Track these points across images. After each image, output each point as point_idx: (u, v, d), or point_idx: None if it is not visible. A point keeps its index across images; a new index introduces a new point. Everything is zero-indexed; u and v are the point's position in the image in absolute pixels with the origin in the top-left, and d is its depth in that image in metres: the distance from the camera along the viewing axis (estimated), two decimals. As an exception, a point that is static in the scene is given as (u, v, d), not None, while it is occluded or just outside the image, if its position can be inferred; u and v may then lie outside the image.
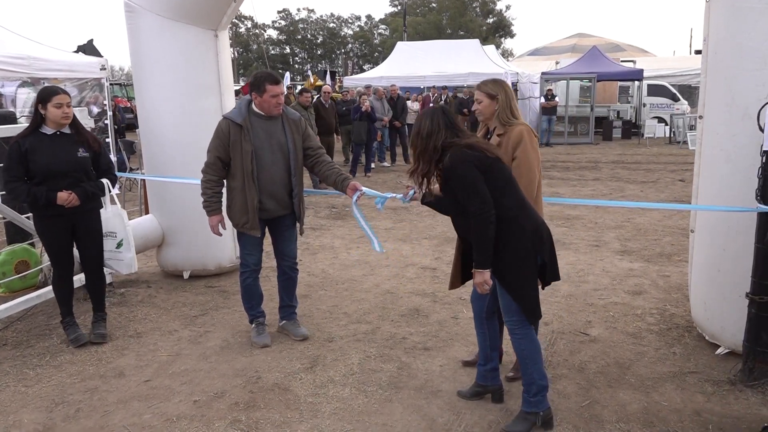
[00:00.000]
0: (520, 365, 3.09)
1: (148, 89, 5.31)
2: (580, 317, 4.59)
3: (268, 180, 3.96)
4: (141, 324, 4.64)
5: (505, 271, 2.92)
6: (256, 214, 3.96)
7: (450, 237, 7.14)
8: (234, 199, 3.99)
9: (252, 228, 4.00)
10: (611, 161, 14.33)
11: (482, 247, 2.86)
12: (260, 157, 3.93)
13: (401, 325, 4.52)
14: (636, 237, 7.02)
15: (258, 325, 4.24)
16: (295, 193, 4.08)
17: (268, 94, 3.90)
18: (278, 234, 4.20)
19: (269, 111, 3.95)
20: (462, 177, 2.85)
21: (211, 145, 3.97)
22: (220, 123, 3.97)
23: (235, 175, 3.95)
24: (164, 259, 5.71)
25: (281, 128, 4.03)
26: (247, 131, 3.90)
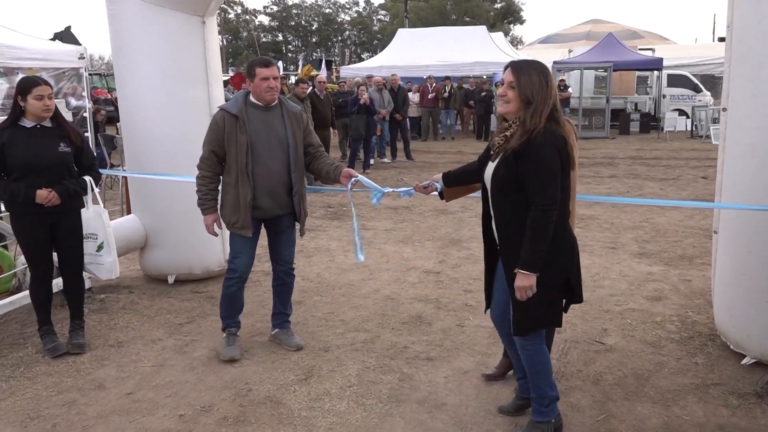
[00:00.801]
0: (531, 379, 3.11)
1: (131, 79, 5.31)
2: (595, 325, 4.59)
3: (264, 175, 3.95)
4: (122, 332, 4.64)
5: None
6: (248, 212, 3.94)
7: (455, 238, 7.15)
8: (227, 195, 3.99)
9: (243, 227, 3.98)
10: (628, 157, 14.34)
11: (537, 246, 2.76)
12: (256, 150, 3.92)
13: (402, 333, 4.52)
14: (655, 238, 7.02)
15: (229, 335, 4.22)
16: (295, 191, 4.07)
17: (258, 77, 3.91)
18: (275, 235, 4.19)
19: (262, 97, 3.95)
20: (546, 161, 2.76)
21: (205, 138, 3.99)
22: (215, 115, 4.00)
23: (229, 170, 3.96)
24: (147, 263, 5.71)
25: (281, 120, 4.03)
26: (243, 122, 3.90)
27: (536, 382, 3.09)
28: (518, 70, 2.88)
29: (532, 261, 2.78)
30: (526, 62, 2.92)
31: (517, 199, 2.85)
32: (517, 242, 2.85)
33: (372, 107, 12.28)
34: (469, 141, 18.58)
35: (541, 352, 3.05)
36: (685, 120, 19.01)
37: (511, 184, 2.85)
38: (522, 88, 2.85)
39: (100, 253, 4.40)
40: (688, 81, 20.59)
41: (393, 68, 19.07)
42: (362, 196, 9.92)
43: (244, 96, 4.01)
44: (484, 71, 19.89)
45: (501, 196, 2.92)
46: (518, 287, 2.83)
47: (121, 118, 5.61)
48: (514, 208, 2.88)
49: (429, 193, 3.55)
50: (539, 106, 2.81)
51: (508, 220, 2.92)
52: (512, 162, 2.83)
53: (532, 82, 2.83)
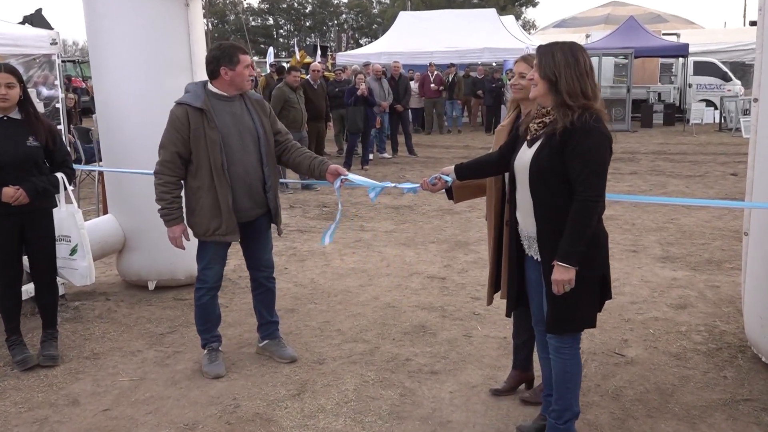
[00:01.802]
0: (558, 389, 3.10)
1: (108, 67, 5.32)
2: (614, 335, 4.60)
3: (241, 173, 3.93)
4: (98, 343, 4.64)
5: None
6: (232, 215, 3.93)
7: (461, 241, 7.15)
8: (199, 201, 3.92)
9: (228, 232, 3.96)
10: (651, 152, 14.35)
11: (579, 239, 2.79)
12: (229, 146, 3.90)
13: (404, 344, 4.52)
14: (680, 241, 7.02)
15: (211, 351, 4.20)
16: (269, 186, 4.06)
17: (242, 65, 3.88)
18: (252, 239, 4.19)
19: (242, 86, 3.95)
20: (595, 149, 2.79)
21: (164, 138, 3.89)
22: (173, 111, 3.89)
23: (198, 173, 3.89)
24: (126, 267, 5.71)
25: (245, 110, 4.02)
26: (210, 116, 3.86)
27: (563, 393, 3.09)
28: (540, 51, 2.92)
29: (572, 254, 2.80)
30: (551, 43, 2.96)
31: (560, 186, 2.87)
32: (557, 233, 2.87)
33: (371, 98, 12.28)
34: (478, 134, 18.60)
35: (576, 359, 3.07)
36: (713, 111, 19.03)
37: (555, 170, 2.86)
38: (543, 67, 2.87)
39: (73, 256, 4.40)
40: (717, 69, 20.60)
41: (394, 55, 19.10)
42: (360, 194, 9.92)
43: (203, 86, 3.98)
44: (493, 58, 19.90)
45: (542, 184, 2.93)
46: (556, 280, 2.84)
47: (96, 109, 5.61)
48: (555, 197, 2.89)
49: (437, 190, 3.53)
50: (569, 82, 2.82)
51: (548, 210, 2.93)
52: (558, 146, 2.84)
53: (554, 60, 2.86)
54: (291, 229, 7.91)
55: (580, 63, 2.85)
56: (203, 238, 4.00)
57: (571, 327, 3.01)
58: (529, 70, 3.28)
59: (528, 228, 3.06)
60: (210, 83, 3.98)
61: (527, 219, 3.04)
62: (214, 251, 4.05)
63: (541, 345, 3.30)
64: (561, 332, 3.01)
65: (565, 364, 3.06)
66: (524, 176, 3.00)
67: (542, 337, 3.23)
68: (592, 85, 2.85)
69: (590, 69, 2.87)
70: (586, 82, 2.84)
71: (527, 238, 3.10)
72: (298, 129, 9.96)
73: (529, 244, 3.10)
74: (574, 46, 2.90)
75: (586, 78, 2.84)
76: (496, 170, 3.34)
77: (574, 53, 2.86)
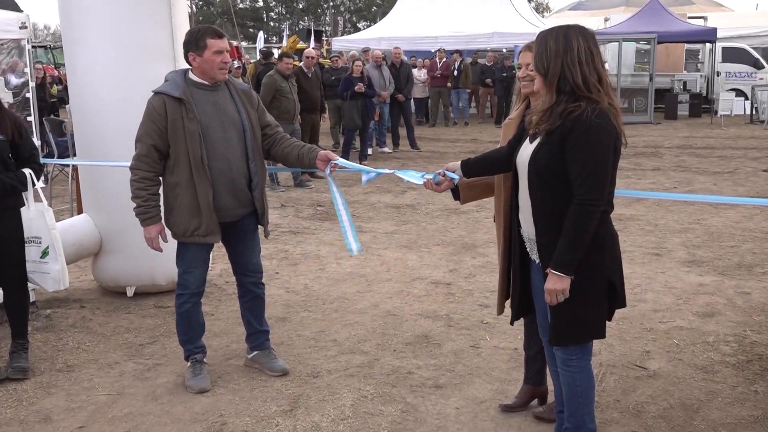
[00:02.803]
0: (569, 405, 3.12)
1: (83, 54, 5.33)
2: (635, 346, 4.60)
3: (223, 168, 3.94)
4: (72, 355, 4.65)
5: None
6: (212, 214, 3.94)
7: (468, 243, 7.16)
8: (177, 198, 3.93)
9: (208, 233, 3.96)
10: (676, 146, 14.36)
11: (575, 245, 2.79)
12: (210, 139, 3.90)
13: (406, 356, 4.53)
14: (707, 243, 7.03)
15: (194, 363, 4.21)
16: (255, 184, 4.07)
17: (210, 50, 3.87)
18: (238, 241, 4.19)
19: (213, 75, 3.94)
20: (596, 146, 2.77)
21: (140, 131, 3.90)
22: (150, 101, 3.91)
23: (176, 168, 3.89)
24: (102, 272, 5.72)
25: (230, 101, 4.02)
26: (189, 106, 3.87)
27: (574, 409, 3.09)
28: (537, 39, 2.92)
29: (568, 262, 2.81)
30: (549, 28, 2.95)
31: (560, 187, 2.87)
32: (556, 238, 2.87)
33: (369, 90, 12.28)
34: (486, 127, 18.61)
35: (585, 371, 3.07)
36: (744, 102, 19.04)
37: (555, 170, 2.86)
38: (536, 58, 2.88)
39: (45, 259, 4.41)
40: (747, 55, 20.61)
41: (395, 40, 19.10)
42: (357, 193, 9.92)
43: (183, 74, 3.98)
44: (503, 44, 19.91)
45: (540, 183, 2.93)
46: (549, 290, 2.86)
47: (70, 99, 5.61)
48: (554, 198, 2.90)
49: (443, 190, 3.53)
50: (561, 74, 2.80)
51: (546, 213, 2.93)
52: (557, 143, 2.83)
53: (546, 49, 2.85)
54: (282, 230, 7.92)
55: (572, 49, 2.80)
56: (182, 239, 4.01)
57: (576, 338, 3.01)
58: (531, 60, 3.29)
59: (529, 230, 3.07)
60: (190, 71, 3.99)
61: (529, 220, 3.05)
62: (195, 253, 4.06)
63: (551, 357, 3.31)
64: (564, 343, 3.02)
65: (574, 378, 3.06)
66: (525, 174, 3.02)
67: (551, 348, 3.24)
68: (593, 73, 2.81)
69: (589, 55, 2.81)
70: (584, 71, 2.80)
71: (529, 240, 3.10)
72: (290, 121, 9.97)
73: (531, 246, 3.10)
74: (570, 30, 2.85)
75: (584, 66, 2.80)
76: (507, 167, 3.30)
77: (567, 38, 2.82)
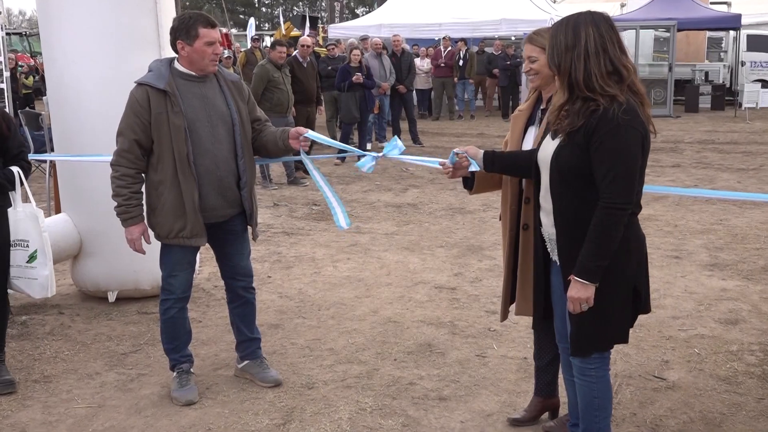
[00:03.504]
0: (585, 417, 3.12)
1: (61, 41, 5.32)
2: (653, 355, 4.61)
3: (210, 166, 3.94)
4: (50, 364, 4.65)
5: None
6: (198, 214, 3.94)
7: (474, 245, 7.16)
8: (161, 197, 3.93)
9: (194, 234, 3.97)
10: (697, 141, 14.36)
11: (601, 252, 2.81)
12: (197, 134, 3.90)
13: (408, 366, 4.53)
14: (731, 245, 7.03)
15: (181, 373, 4.21)
16: (244, 182, 4.07)
17: (201, 40, 3.86)
18: (226, 243, 4.20)
19: (204, 67, 3.93)
20: (624, 147, 2.77)
21: (122, 124, 3.90)
22: (132, 93, 3.91)
23: (159, 165, 3.89)
24: (82, 275, 5.72)
25: (219, 93, 4.02)
26: (175, 99, 3.86)
27: (590, 422, 3.10)
28: (550, 33, 2.92)
29: (593, 269, 2.83)
30: (561, 19, 2.95)
31: (584, 188, 2.88)
32: (576, 240, 2.89)
33: (368, 81, 12.28)
34: (494, 120, 18.61)
35: (604, 381, 3.08)
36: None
37: (578, 171, 2.88)
38: (548, 55, 2.89)
39: (32, 264, 4.38)
40: (774, 44, 20.60)
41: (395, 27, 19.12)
42: (355, 191, 9.93)
43: (168, 65, 3.98)
44: (511, 31, 19.91)
45: (562, 183, 2.94)
46: (572, 298, 2.87)
47: (48, 90, 5.61)
48: (578, 200, 2.91)
49: (459, 175, 3.49)
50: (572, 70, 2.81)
51: (569, 214, 2.95)
52: (581, 143, 2.84)
53: (557, 43, 2.85)
54: (275, 230, 7.92)
55: (580, 43, 2.80)
56: (166, 241, 4.01)
57: (598, 345, 3.02)
58: (536, 53, 3.30)
59: (550, 230, 3.08)
60: (177, 60, 3.98)
61: (550, 219, 3.05)
62: (180, 256, 4.06)
63: (566, 365, 3.31)
64: (587, 353, 3.03)
65: (592, 389, 3.07)
66: (546, 171, 3.02)
67: (567, 355, 3.24)
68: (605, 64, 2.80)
69: (600, 45, 2.79)
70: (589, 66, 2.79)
71: (550, 240, 3.11)
72: (284, 113, 9.98)
73: (552, 247, 3.11)
74: (580, 20, 2.85)
75: (592, 60, 2.79)
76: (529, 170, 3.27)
77: (576, 30, 2.82)
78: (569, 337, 3.05)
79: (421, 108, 19.12)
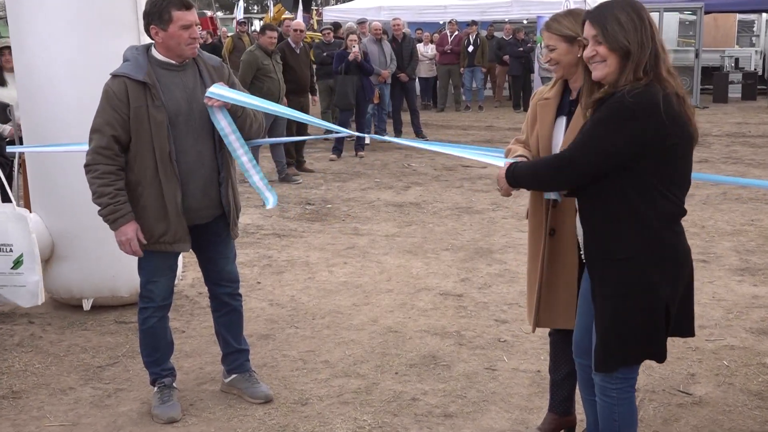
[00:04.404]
0: None
1: (32, 25, 5.32)
2: (678, 368, 4.61)
3: (193, 164, 3.95)
4: (19, 379, 4.65)
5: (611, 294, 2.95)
6: (181, 217, 3.94)
7: (483, 248, 7.16)
8: (140, 199, 3.91)
9: (177, 240, 3.97)
10: (726, 134, 14.37)
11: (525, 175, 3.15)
12: (179, 129, 3.89)
13: (410, 379, 4.53)
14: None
15: (162, 388, 4.20)
16: (222, 177, 4.07)
17: (175, 24, 3.82)
18: (209, 246, 4.20)
19: (181, 52, 3.91)
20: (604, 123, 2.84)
21: (98, 120, 3.86)
22: (108, 85, 3.87)
23: (137, 164, 3.87)
24: (54, 281, 5.71)
25: (198, 81, 4.00)
26: (155, 91, 3.84)
27: None
28: (598, 17, 2.91)
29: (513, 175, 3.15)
30: (603, 4, 2.95)
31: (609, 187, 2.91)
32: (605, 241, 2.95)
33: (367, 64, 12.28)
34: (504, 111, 18.63)
35: (627, 404, 3.08)
36: (806, 82, 19.05)
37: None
38: (611, 36, 2.86)
39: (18, 270, 4.38)
40: (811, 28, 20.61)
41: (396, 10, 19.11)
42: (352, 189, 9.92)
43: (145, 52, 3.95)
44: (523, 14, 19.89)
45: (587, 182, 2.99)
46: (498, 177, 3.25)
47: (17, 79, 5.60)
48: (603, 199, 2.94)
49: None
50: (643, 51, 2.83)
51: (595, 214, 2.99)
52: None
53: (621, 24, 2.86)
54: (265, 232, 7.93)
55: (646, 24, 2.85)
56: (145, 248, 3.97)
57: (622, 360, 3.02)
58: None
59: (579, 230, 3.12)
60: (153, 48, 3.97)
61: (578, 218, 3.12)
62: (160, 260, 4.06)
63: (584, 383, 3.31)
64: (610, 368, 3.03)
65: (612, 411, 3.07)
66: None
67: (584, 372, 3.24)
68: (662, 49, 2.89)
69: (654, 32, 2.88)
70: (658, 47, 2.86)
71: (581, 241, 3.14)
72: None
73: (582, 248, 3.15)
74: (633, 2, 2.90)
75: (652, 45, 2.85)
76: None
77: (638, 12, 2.87)
78: (593, 350, 3.06)
79: (425, 98, 19.12)
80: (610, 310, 2.96)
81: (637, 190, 2.86)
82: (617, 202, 2.89)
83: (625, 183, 2.86)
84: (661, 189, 2.87)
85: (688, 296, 3.05)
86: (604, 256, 2.96)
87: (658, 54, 2.85)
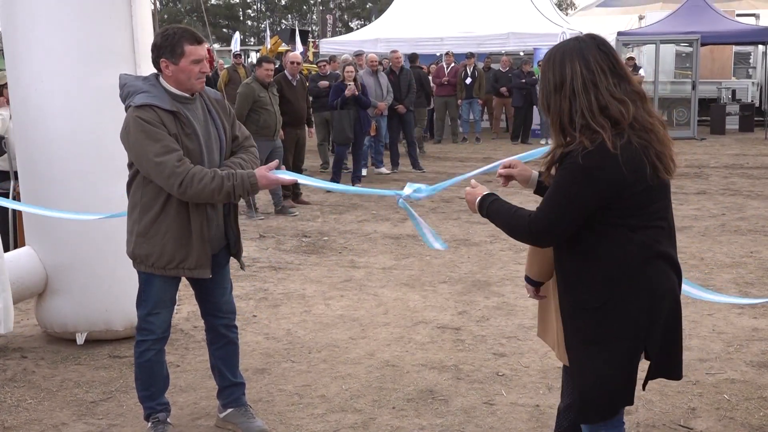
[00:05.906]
0: None
1: (28, 57, 5.36)
2: (678, 402, 4.60)
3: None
4: (11, 414, 4.63)
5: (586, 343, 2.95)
6: (206, 244, 3.96)
7: (481, 280, 7.16)
8: (162, 224, 3.91)
9: (198, 266, 3.96)
10: (724, 165, 14.42)
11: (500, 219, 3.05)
12: (203, 157, 3.94)
13: (407, 414, 4.52)
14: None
15: (156, 424, 4.19)
16: (228, 208, 4.14)
17: (187, 58, 3.86)
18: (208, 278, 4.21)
19: (191, 86, 3.94)
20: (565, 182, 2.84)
21: (152, 149, 3.73)
22: (138, 115, 3.78)
23: (162, 189, 3.87)
24: (48, 315, 5.70)
25: (206, 113, 4.06)
26: (186, 121, 3.89)
27: None
28: (542, 65, 2.99)
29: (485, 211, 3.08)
30: (549, 54, 2.98)
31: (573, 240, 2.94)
32: (571, 285, 2.95)
33: (364, 98, 12.34)
34: (502, 143, 18.70)
35: None
36: (803, 114, 19.16)
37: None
38: (539, 96, 2.98)
39: None
40: (807, 60, 20.76)
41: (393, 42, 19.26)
42: (349, 221, 9.94)
43: (156, 83, 3.95)
44: (520, 46, 20.06)
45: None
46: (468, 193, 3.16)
47: (12, 111, 5.63)
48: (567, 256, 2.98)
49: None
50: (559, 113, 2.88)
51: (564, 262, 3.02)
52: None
53: (546, 82, 2.92)
54: (261, 265, 7.93)
55: (566, 83, 2.83)
56: (162, 272, 3.97)
57: (602, 414, 3.00)
58: None
59: None
60: (161, 79, 3.98)
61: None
62: (163, 290, 4.06)
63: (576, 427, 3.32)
64: (590, 420, 3.03)
65: None
66: None
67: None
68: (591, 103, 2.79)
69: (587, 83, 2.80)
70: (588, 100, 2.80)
71: None
72: (271, 137, 10.00)
73: None
74: (566, 53, 2.87)
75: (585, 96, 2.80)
76: None
77: (562, 67, 2.85)
78: (574, 402, 3.07)
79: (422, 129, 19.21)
80: (587, 362, 2.96)
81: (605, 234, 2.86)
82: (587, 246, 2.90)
83: (594, 228, 2.87)
84: (631, 230, 2.85)
85: (674, 340, 3.00)
86: (570, 296, 2.96)
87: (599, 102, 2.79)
